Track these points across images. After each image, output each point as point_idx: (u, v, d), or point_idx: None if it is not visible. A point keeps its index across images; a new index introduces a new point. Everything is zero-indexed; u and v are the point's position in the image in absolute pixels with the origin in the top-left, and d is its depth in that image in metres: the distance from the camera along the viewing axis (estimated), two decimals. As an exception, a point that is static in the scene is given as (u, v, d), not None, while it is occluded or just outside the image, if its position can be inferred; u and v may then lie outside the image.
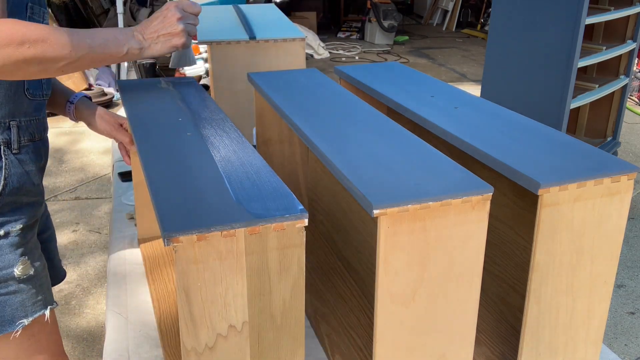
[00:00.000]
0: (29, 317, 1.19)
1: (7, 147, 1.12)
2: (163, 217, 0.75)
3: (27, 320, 1.18)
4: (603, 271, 0.97)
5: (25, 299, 1.18)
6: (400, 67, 1.52)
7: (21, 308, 1.17)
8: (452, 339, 0.90)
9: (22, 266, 1.16)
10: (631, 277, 2.91)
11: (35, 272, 1.19)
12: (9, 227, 1.14)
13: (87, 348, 2.38)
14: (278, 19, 2.14)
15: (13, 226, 1.14)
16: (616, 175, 0.90)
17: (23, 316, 1.18)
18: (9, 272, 1.14)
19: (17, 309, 1.17)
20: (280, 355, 0.83)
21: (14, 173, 1.13)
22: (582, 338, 1.01)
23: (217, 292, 0.76)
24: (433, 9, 9.36)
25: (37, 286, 1.20)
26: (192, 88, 1.33)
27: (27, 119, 1.16)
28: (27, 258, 1.17)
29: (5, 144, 1.12)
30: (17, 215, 1.15)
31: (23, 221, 1.16)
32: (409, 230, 0.80)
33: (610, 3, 3.27)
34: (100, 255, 3.06)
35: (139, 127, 1.08)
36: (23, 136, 1.15)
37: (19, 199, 1.15)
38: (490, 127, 1.07)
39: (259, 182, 0.85)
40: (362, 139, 1.00)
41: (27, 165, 1.16)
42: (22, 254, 1.16)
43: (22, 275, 1.16)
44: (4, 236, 1.13)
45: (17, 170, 1.14)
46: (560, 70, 2.95)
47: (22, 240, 1.17)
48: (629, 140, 4.67)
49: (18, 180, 1.14)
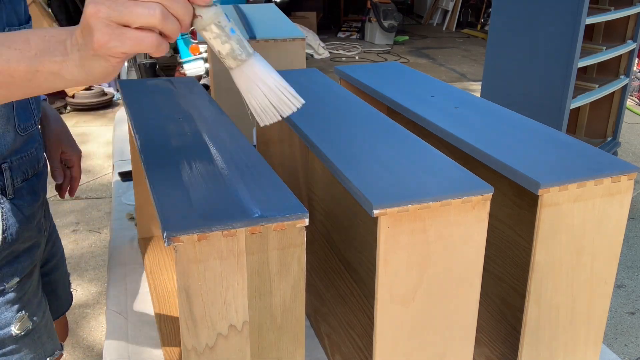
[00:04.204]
0: None
1: (2, 194, 0.99)
2: (164, 217, 0.75)
3: None
4: (603, 271, 0.97)
5: (23, 355, 1.08)
6: (400, 67, 1.52)
7: None
8: (452, 339, 0.90)
9: (19, 323, 1.05)
10: (631, 277, 2.91)
11: (34, 324, 1.09)
12: (5, 283, 1.02)
13: (87, 348, 2.38)
14: (278, 19, 2.14)
15: (9, 281, 1.02)
16: (616, 176, 0.90)
17: None
18: (7, 333, 1.03)
19: None
20: (280, 355, 0.83)
21: (12, 223, 1.01)
22: (582, 338, 1.01)
23: (218, 292, 0.76)
24: (433, 9, 9.36)
25: (35, 339, 1.10)
26: (192, 88, 1.33)
27: (18, 157, 1.04)
28: (25, 312, 1.06)
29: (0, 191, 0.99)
30: (14, 267, 1.03)
31: (20, 272, 1.05)
32: (409, 230, 0.80)
33: (610, 3, 3.27)
34: (100, 255, 3.06)
35: (140, 127, 1.08)
36: (16, 178, 1.02)
37: (16, 248, 1.03)
38: (490, 127, 1.07)
39: (260, 182, 0.85)
40: (362, 139, 1.00)
41: (25, 210, 1.04)
42: (19, 309, 1.05)
43: (21, 332, 1.06)
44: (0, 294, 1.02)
45: (15, 219, 1.01)
46: (560, 70, 2.95)
47: (19, 293, 1.05)
48: (629, 140, 4.67)
49: (17, 229, 1.02)
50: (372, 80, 1.38)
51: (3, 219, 0.98)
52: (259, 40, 1.84)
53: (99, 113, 5.16)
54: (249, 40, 1.84)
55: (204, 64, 4.62)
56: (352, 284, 1.28)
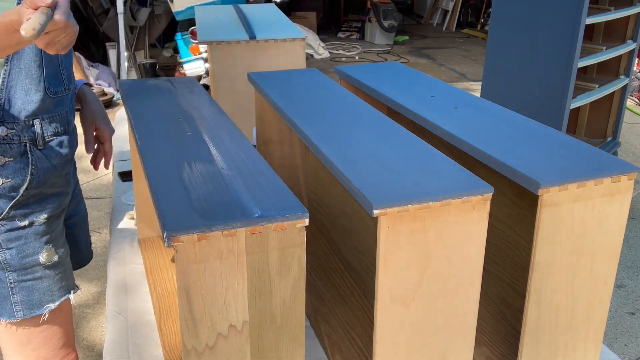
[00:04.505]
0: (56, 301, 1.26)
1: (32, 145, 1.18)
2: (164, 217, 0.75)
3: (54, 305, 1.26)
4: (603, 271, 0.97)
5: (51, 284, 1.25)
6: (400, 67, 1.52)
7: (48, 293, 1.25)
8: (452, 339, 0.90)
9: (46, 254, 1.23)
10: (631, 277, 2.91)
11: (60, 259, 1.26)
12: (34, 217, 1.20)
13: (87, 348, 2.38)
14: (278, 19, 2.14)
15: (37, 216, 1.21)
16: (616, 176, 0.90)
17: (50, 300, 1.25)
18: (35, 259, 1.21)
19: (44, 294, 1.24)
20: (280, 355, 0.83)
21: (40, 168, 1.19)
22: (582, 338, 1.01)
23: (218, 292, 0.76)
24: (433, 9, 9.36)
25: (61, 272, 1.27)
26: (192, 88, 1.33)
27: (49, 115, 1.20)
28: (52, 246, 1.24)
29: (30, 142, 1.17)
30: (42, 206, 1.22)
31: (48, 211, 1.23)
32: (409, 230, 0.80)
33: (610, 3, 3.27)
34: (100, 255, 3.05)
35: (140, 127, 1.08)
36: (47, 132, 1.20)
37: (44, 191, 1.21)
38: (490, 127, 1.07)
39: (260, 182, 0.85)
40: (362, 139, 1.00)
41: (53, 159, 1.22)
42: (47, 242, 1.23)
43: (47, 262, 1.23)
44: (29, 225, 1.20)
45: (43, 165, 1.19)
46: (560, 70, 2.95)
47: (47, 229, 1.23)
48: (629, 140, 4.67)
49: (44, 174, 1.20)
50: (372, 80, 1.38)
51: (32, 164, 1.18)
52: (259, 40, 1.84)
53: (99, 113, 5.15)
54: (249, 40, 1.85)
55: (204, 64, 4.62)
56: (352, 284, 1.28)
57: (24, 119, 1.15)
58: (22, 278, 1.21)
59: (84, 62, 5.15)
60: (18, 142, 1.16)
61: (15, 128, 1.15)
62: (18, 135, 1.15)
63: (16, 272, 1.20)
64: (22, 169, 1.17)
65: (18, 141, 1.15)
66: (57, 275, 1.26)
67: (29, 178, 1.17)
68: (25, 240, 1.20)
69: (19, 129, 1.15)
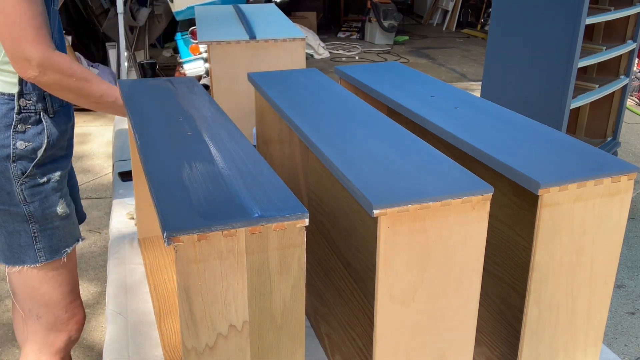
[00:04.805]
0: (70, 247, 1.47)
1: (45, 113, 1.39)
2: (164, 217, 0.75)
3: (70, 249, 1.46)
4: (603, 271, 0.97)
5: (66, 232, 1.45)
6: (400, 67, 1.52)
7: (64, 239, 1.45)
8: (452, 339, 0.90)
9: (61, 206, 1.43)
10: (631, 277, 2.91)
11: (70, 210, 1.47)
12: (50, 175, 1.40)
13: (87, 348, 2.38)
14: (278, 19, 2.14)
15: (53, 174, 1.41)
16: (616, 175, 0.90)
17: (66, 246, 1.46)
18: (53, 211, 1.41)
19: (61, 240, 1.44)
20: (280, 355, 0.83)
21: (53, 132, 1.40)
22: (582, 338, 1.01)
23: (218, 292, 0.76)
24: (433, 9, 9.36)
25: (71, 222, 1.48)
26: (192, 88, 1.33)
27: None
28: (64, 200, 1.44)
29: (44, 111, 1.38)
30: (55, 165, 1.42)
31: (60, 170, 1.43)
32: (409, 230, 0.80)
33: (610, 3, 3.27)
34: (100, 255, 3.05)
35: (140, 127, 1.08)
36: (54, 103, 1.40)
37: (56, 153, 1.42)
38: (490, 127, 1.07)
39: (260, 182, 0.85)
40: (362, 139, 1.00)
41: (60, 126, 1.42)
42: (61, 196, 1.43)
43: (63, 214, 1.43)
44: (47, 182, 1.40)
45: (54, 130, 1.40)
46: (560, 70, 2.95)
47: (60, 185, 1.43)
48: (629, 140, 4.67)
49: (56, 138, 1.41)
50: (372, 80, 1.38)
51: (47, 129, 1.39)
52: (259, 40, 1.84)
53: (99, 113, 5.15)
54: (249, 40, 1.84)
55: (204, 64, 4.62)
56: (352, 284, 1.28)
57: (37, 92, 1.36)
58: (44, 227, 1.40)
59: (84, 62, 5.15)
60: (34, 112, 1.36)
61: (32, 99, 1.35)
62: (34, 106, 1.36)
63: (38, 222, 1.39)
64: (39, 134, 1.37)
65: (34, 111, 1.36)
66: (69, 225, 1.46)
67: (46, 141, 1.38)
68: (45, 194, 1.39)
69: (34, 100, 1.36)
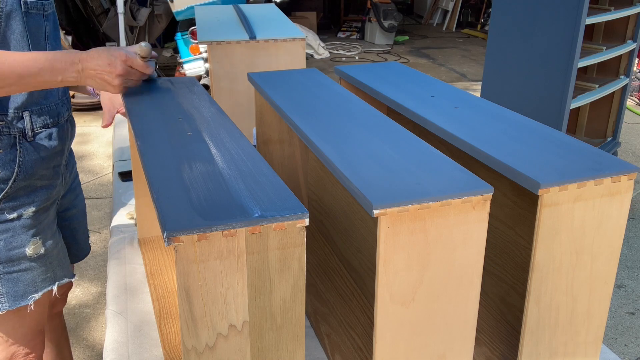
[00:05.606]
0: (39, 291, 1.27)
1: (22, 136, 1.19)
2: (164, 217, 0.75)
3: (38, 295, 1.27)
4: (603, 271, 0.97)
5: (35, 275, 1.26)
6: (400, 67, 1.52)
7: (32, 284, 1.26)
8: (452, 339, 0.90)
9: (33, 246, 1.24)
10: (631, 277, 2.91)
11: (46, 251, 1.28)
12: (22, 210, 1.22)
13: (87, 348, 2.38)
14: (278, 19, 2.14)
15: (26, 209, 1.22)
16: (616, 176, 0.90)
17: (34, 291, 1.26)
18: (21, 252, 1.23)
19: (29, 285, 1.26)
20: (280, 355, 0.83)
21: (28, 160, 1.20)
22: (582, 338, 1.01)
23: (218, 292, 0.76)
24: (433, 9, 9.36)
25: (47, 264, 1.28)
26: (192, 88, 1.33)
27: (38, 107, 1.22)
28: (39, 238, 1.26)
29: (20, 133, 1.19)
30: (30, 199, 1.23)
31: (36, 204, 1.24)
32: (409, 230, 0.80)
33: (610, 3, 3.27)
34: (100, 255, 3.05)
35: (140, 127, 1.08)
36: (36, 124, 1.21)
37: (32, 183, 1.23)
38: (490, 127, 1.07)
39: (260, 182, 0.85)
40: (362, 139, 1.00)
41: (41, 151, 1.23)
42: (34, 234, 1.24)
43: (33, 255, 1.25)
44: (17, 218, 1.21)
45: (31, 157, 1.21)
46: (560, 70, 2.95)
47: (35, 222, 1.24)
48: (629, 140, 4.67)
49: (32, 166, 1.21)
50: (372, 80, 1.38)
51: (20, 155, 1.19)
52: (259, 40, 1.84)
53: (99, 113, 5.16)
54: (249, 40, 1.85)
55: (204, 64, 4.62)
56: (352, 284, 1.28)
57: (14, 110, 1.17)
58: (7, 270, 1.21)
59: (84, 62, 5.15)
60: (8, 134, 1.17)
61: (5, 120, 1.16)
62: (8, 127, 1.16)
63: (2, 264, 1.21)
64: (11, 161, 1.17)
65: (8, 133, 1.17)
66: (41, 267, 1.27)
67: (16, 170, 1.18)
68: (12, 232, 1.20)
69: (8, 121, 1.16)
